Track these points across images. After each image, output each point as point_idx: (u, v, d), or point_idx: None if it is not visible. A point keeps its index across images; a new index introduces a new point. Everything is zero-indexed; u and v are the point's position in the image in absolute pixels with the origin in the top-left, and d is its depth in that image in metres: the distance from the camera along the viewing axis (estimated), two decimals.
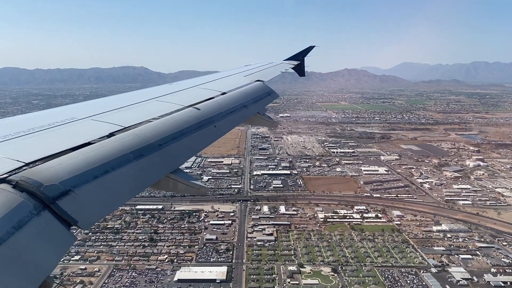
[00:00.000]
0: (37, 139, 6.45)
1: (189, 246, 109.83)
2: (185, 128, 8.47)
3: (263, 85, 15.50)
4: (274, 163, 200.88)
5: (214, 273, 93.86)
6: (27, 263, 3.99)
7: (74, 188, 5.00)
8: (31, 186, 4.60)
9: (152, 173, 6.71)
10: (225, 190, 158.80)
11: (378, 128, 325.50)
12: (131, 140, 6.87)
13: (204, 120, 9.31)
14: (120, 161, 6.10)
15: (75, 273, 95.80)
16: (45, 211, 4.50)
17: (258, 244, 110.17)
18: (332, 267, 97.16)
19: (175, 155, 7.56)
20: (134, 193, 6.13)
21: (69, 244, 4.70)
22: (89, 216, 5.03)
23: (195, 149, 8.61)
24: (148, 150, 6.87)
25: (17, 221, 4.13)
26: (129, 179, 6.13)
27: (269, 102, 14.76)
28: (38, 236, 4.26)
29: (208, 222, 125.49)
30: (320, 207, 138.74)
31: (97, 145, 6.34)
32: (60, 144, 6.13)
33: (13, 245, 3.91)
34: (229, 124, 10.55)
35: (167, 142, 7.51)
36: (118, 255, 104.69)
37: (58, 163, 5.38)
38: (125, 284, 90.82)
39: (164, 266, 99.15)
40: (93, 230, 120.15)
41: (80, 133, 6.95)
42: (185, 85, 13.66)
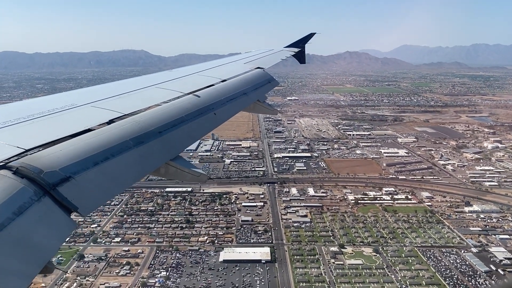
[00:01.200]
0: (37, 126, 6.44)
1: (226, 227, 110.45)
2: (185, 115, 8.38)
3: (263, 73, 15.37)
4: (292, 146, 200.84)
5: (258, 253, 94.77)
6: (28, 249, 4.01)
7: (74, 175, 4.98)
8: (31, 172, 4.58)
9: (152, 160, 6.70)
10: (250, 172, 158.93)
11: (389, 111, 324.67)
12: (131, 127, 6.84)
13: (204, 108, 9.21)
14: (120, 148, 6.09)
15: (119, 254, 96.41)
16: (46, 197, 4.48)
17: (294, 225, 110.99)
18: (373, 248, 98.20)
19: (175, 142, 7.55)
20: (134, 180, 6.14)
21: (69, 230, 4.70)
22: (89, 202, 5.02)
23: (195, 137, 8.52)
24: (148, 137, 6.83)
25: (17, 207, 4.12)
26: (129, 166, 6.10)
27: (269, 90, 14.72)
28: (39, 222, 4.25)
29: (240, 204, 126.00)
30: (348, 189, 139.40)
31: (97, 132, 6.32)
32: (60, 130, 6.11)
33: (14, 230, 3.91)
34: (229, 112, 10.47)
35: (167, 129, 7.47)
36: (158, 236, 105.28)
37: (58, 150, 5.36)
38: (171, 265, 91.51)
39: (206, 247, 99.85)
40: (127, 212, 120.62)
41: (80, 119, 6.92)
42: (185, 72, 13.56)
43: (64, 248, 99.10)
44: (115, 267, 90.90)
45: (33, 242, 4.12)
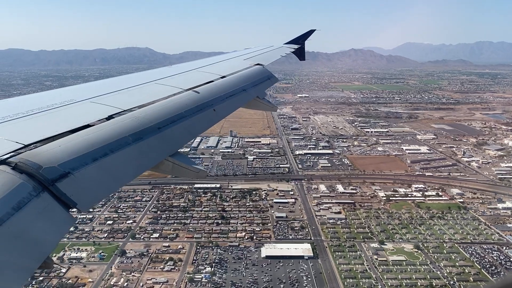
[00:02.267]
0: (36, 121, 6.42)
1: (262, 223, 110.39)
2: (184, 111, 8.34)
3: (263, 69, 15.28)
4: (312, 143, 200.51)
5: (300, 250, 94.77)
6: (27, 244, 4.00)
7: (73, 171, 4.98)
8: (30, 168, 4.57)
9: (151, 156, 6.68)
10: (274, 169, 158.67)
11: (402, 108, 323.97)
12: (130, 123, 6.83)
13: (203, 104, 9.17)
14: (119, 144, 6.05)
15: (160, 250, 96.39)
16: (45, 193, 4.48)
17: (330, 222, 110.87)
18: (413, 244, 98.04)
19: (174, 138, 7.50)
20: (133, 176, 6.09)
21: (68, 226, 4.70)
22: (88, 198, 5.02)
23: (194, 133, 8.46)
24: (147, 133, 6.82)
25: (16, 202, 4.10)
26: (128, 162, 6.05)
27: (268, 86, 14.63)
28: (38, 217, 4.25)
29: (271, 201, 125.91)
30: (377, 185, 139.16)
31: (96, 128, 6.30)
32: (59, 126, 6.08)
33: (13, 226, 3.90)
34: (229, 108, 10.43)
35: (167, 125, 7.45)
36: (196, 232, 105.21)
37: (57, 145, 5.35)
38: (214, 260, 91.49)
39: (245, 243, 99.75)
40: (160, 208, 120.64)
41: (79, 115, 6.89)
42: (185, 68, 13.52)
43: (104, 244, 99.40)
44: (159, 263, 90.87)
45: (32, 238, 4.10)
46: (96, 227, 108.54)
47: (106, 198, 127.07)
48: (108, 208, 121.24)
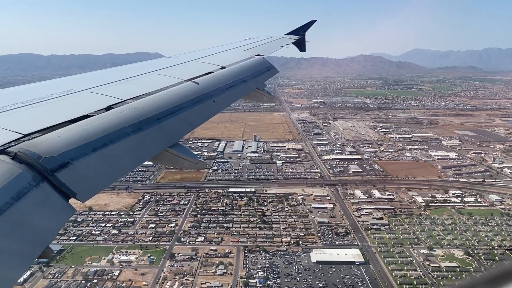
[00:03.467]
0: (35, 111, 6.37)
1: (305, 228, 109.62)
2: (184, 102, 8.30)
3: (263, 60, 15.05)
4: (338, 148, 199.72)
5: (349, 255, 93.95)
6: (27, 233, 3.99)
7: (73, 161, 4.96)
8: (29, 157, 4.55)
9: (150, 147, 6.67)
10: (305, 174, 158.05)
11: (420, 114, 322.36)
12: (129, 114, 6.79)
13: (203, 95, 9.13)
14: (118, 134, 6.03)
15: (208, 254, 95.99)
16: (44, 183, 4.45)
17: (374, 227, 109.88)
18: (463, 250, 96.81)
19: (173, 129, 7.48)
20: (132, 167, 6.11)
21: (68, 216, 4.66)
22: (88, 188, 4.98)
23: (194, 124, 8.39)
24: (147, 123, 6.79)
25: (16, 192, 4.08)
26: (127, 153, 6.06)
27: (268, 78, 14.40)
28: (37, 207, 4.23)
29: (309, 205, 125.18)
30: (413, 191, 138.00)
31: (95, 118, 6.26)
32: (59, 116, 6.05)
33: (13, 215, 3.88)
34: (228, 99, 10.40)
35: (166, 116, 7.40)
36: (240, 236, 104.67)
37: (57, 135, 5.32)
38: (265, 265, 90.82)
39: (292, 248, 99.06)
40: (200, 212, 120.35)
41: (78, 105, 6.85)
42: (184, 58, 13.33)
43: (150, 247, 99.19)
44: (209, 267, 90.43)
45: (32, 227, 4.09)
46: (140, 230, 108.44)
47: (145, 201, 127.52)
48: (147, 211, 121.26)
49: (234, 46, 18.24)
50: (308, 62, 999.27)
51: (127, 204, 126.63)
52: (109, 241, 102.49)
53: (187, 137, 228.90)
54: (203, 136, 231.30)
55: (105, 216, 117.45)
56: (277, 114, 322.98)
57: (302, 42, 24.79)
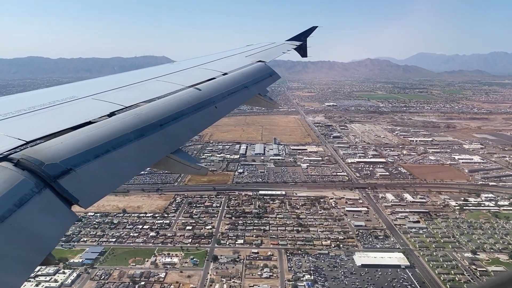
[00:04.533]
0: (38, 118, 6.39)
1: (343, 232, 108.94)
2: (186, 108, 8.29)
3: (265, 66, 15.14)
4: (360, 151, 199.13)
5: (394, 258, 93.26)
6: (29, 240, 4.00)
7: (75, 167, 4.96)
8: (32, 164, 4.56)
9: (153, 153, 6.65)
10: (332, 177, 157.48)
11: (435, 117, 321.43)
12: (132, 120, 6.79)
13: (205, 101, 9.14)
14: (121, 141, 6.03)
15: (250, 256, 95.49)
16: (46, 190, 4.46)
17: (412, 231, 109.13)
18: (508, 255, 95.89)
19: (176, 135, 7.45)
20: (135, 173, 6.09)
21: (70, 222, 4.64)
22: (90, 195, 4.98)
23: (196, 130, 8.37)
24: (149, 130, 6.79)
25: (18, 198, 4.09)
26: (130, 159, 6.04)
27: (270, 83, 14.46)
28: (40, 214, 4.24)
29: (343, 209, 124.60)
30: (444, 194, 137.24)
31: (98, 124, 6.28)
32: (61, 122, 6.06)
33: (15, 222, 3.89)
34: (230, 105, 10.41)
35: (168, 122, 7.40)
36: (279, 239, 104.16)
37: (59, 142, 5.33)
38: (310, 268, 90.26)
39: (334, 251, 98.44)
40: (234, 214, 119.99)
41: (81, 112, 6.86)
42: (186, 65, 13.38)
43: (191, 250, 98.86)
44: (254, 269, 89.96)
45: (34, 234, 4.09)
46: (178, 232, 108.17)
47: (177, 203, 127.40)
48: (182, 213, 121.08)
49: (236, 52, 18.33)
50: (315, 65, 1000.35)
51: (160, 206, 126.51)
52: (148, 243, 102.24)
53: (206, 140, 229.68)
54: (222, 139, 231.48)
55: (140, 218, 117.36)
56: (291, 117, 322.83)
57: (304, 47, 25.01)
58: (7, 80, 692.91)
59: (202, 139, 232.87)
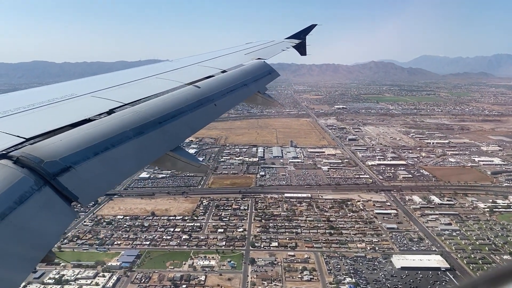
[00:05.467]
0: (37, 115, 6.38)
1: (376, 234, 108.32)
2: (185, 106, 8.27)
3: (264, 64, 15.13)
4: (379, 154, 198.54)
5: (433, 261, 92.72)
6: (29, 238, 4.02)
7: (75, 165, 4.95)
8: (31, 162, 4.55)
9: (152, 150, 6.63)
10: (355, 179, 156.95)
11: (447, 119, 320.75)
12: (131, 117, 6.77)
13: (204, 98, 9.12)
14: (120, 138, 6.01)
15: (287, 259, 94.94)
16: (46, 187, 4.46)
17: (446, 233, 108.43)
18: None
19: (175, 133, 7.43)
20: (134, 170, 6.08)
21: (70, 219, 4.66)
22: (90, 192, 4.99)
23: (195, 127, 8.32)
24: (148, 127, 6.76)
25: (18, 196, 4.11)
26: (129, 156, 6.03)
27: (269, 81, 14.42)
28: (40, 211, 4.25)
29: (372, 211, 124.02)
30: (471, 197, 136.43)
31: (97, 122, 6.27)
32: (61, 120, 6.05)
33: (15, 219, 3.91)
34: (230, 103, 10.38)
35: (167, 120, 7.36)
36: (313, 242, 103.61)
37: (59, 140, 5.32)
38: (350, 271, 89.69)
39: (371, 254, 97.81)
40: (263, 217, 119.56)
41: (80, 109, 6.84)
42: (186, 62, 13.32)
43: (227, 252, 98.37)
44: (293, 272, 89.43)
45: (34, 231, 4.10)
46: (210, 235, 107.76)
47: (204, 206, 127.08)
48: (211, 216, 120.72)
49: (235, 50, 18.28)
50: (320, 68, 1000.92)
51: (188, 209, 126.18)
52: (183, 246, 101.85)
53: (222, 143, 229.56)
54: (238, 142, 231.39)
55: (170, 221, 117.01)
56: (303, 120, 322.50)
57: (303, 46, 24.92)
58: (14, 84, 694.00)
59: (218, 142, 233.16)
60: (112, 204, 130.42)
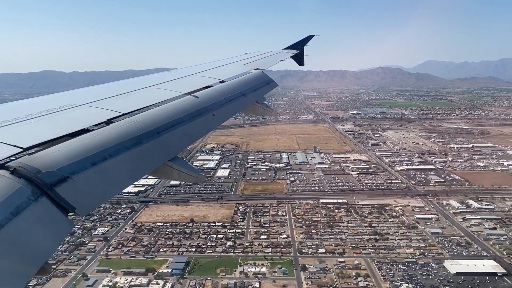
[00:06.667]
0: (35, 125, 6.34)
1: (422, 239, 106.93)
2: (184, 116, 8.24)
3: (262, 74, 15.19)
4: (405, 159, 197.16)
5: (488, 266, 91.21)
6: (26, 249, 3.99)
7: (72, 175, 4.93)
8: (29, 172, 4.54)
9: (150, 160, 6.59)
10: (389, 185, 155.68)
11: (464, 124, 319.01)
12: (129, 127, 6.73)
13: (202, 108, 9.12)
14: (118, 148, 5.97)
15: (338, 266, 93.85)
16: (43, 198, 4.44)
17: (493, 238, 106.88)
18: None
19: (173, 143, 7.39)
20: (132, 181, 6.02)
21: (67, 230, 4.65)
22: (87, 203, 4.95)
23: (193, 137, 8.32)
24: (146, 137, 6.73)
25: (15, 207, 4.09)
26: (127, 167, 5.99)
27: (268, 91, 14.38)
28: (36, 222, 4.23)
29: (412, 216, 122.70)
30: (509, 201, 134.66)
31: (95, 132, 6.21)
32: (58, 130, 5.99)
33: (12, 230, 3.89)
34: (228, 113, 10.37)
35: (166, 130, 7.34)
36: (360, 247, 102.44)
37: (56, 150, 5.28)
38: (404, 276, 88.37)
39: (420, 259, 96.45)
40: (303, 223, 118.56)
41: (78, 119, 6.79)
42: (184, 72, 13.41)
43: (275, 259, 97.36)
44: (347, 278, 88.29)
45: (31, 242, 4.06)
46: (254, 242, 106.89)
47: (241, 212, 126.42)
48: (250, 222, 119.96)
49: (234, 60, 18.37)
50: (327, 74, 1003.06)
51: (225, 215, 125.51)
52: (229, 253, 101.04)
53: (244, 149, 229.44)
54: (259, 148, 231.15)
55: (210, 227, 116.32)
56: (320, 125, 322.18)
57: (301, 56, 24.87)
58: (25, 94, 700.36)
59: (240, 148, 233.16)
60: (149, 211, 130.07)
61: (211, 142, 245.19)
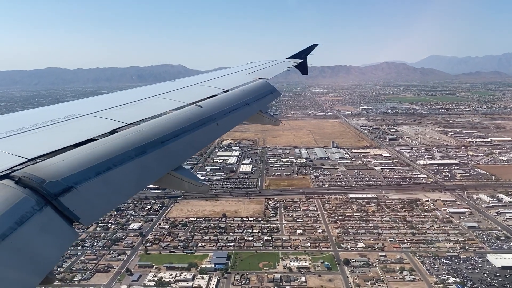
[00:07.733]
0: (40, 135, 6.40)
1: (460, 233, 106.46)
2: (188, 125, 8.24)
3: (266, 83, 15.27)
4: (426, 153, 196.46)
5: None
6: (30, 258, 4.00)
7: (77, 185, 4.96)
8: (33, 182, 4.58)
9: (154, 170, 6.59)
10: (415, 179, 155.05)
11: (477, 118, 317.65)
12: (133, 137, 6.74)
13: (206, 118, 9.12)
14: (122, 158, 5.98)
15: (380, 260, 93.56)
16: (47, 207, 4.47)
17: None
18: None
19: (177, 152, 7.39)
20: (136, 190, 6.04)
21: (71, 240, 4.64)
22: (91, 212, 4.95)
23: (198, 147, 8.33)
24: (151, 147, 6.73)
25: (19, 216, 4.13)
26: (131, 176, 6.00)
27: (271, 101, 14.48)
28: (41, 232, 4.25)
29: (445, 210, 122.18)
30: None
31: (99, 142, 6.24)
32: (63, 140, 6.05)
33: (16, 240, 3.92)
34: (232, 122, 10.36)
35: (170, 139, 7.35)
36: (399, 242, 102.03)
37: (61, 160, 5.31)
38: (449, 270, 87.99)
39: (462, 254, 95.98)
40: (338, 218, 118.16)
41: (82, 129, 6.84)
42: (188, 82, 13.50)
43: (316, 253, 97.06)
44: (392, 273, 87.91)
45: (35, 252, 4.05)
46: (292, 236, 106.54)
47: (272, 207, 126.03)
48: (283, 217, 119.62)
49: (237, 70, 18.42)
50: (332, 70, 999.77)
51: (257, 210, 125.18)
52: (268, 247, 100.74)
53: (261, 145, 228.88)
54: (277, 144, 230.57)
55: (244, 222, 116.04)
56: (333, 121, 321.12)
57: (304, 65, 24.86)
58: (31, 91, 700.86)
59: (257, 144, 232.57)
60: (179, 206, 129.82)
61: (227, 138, 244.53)
